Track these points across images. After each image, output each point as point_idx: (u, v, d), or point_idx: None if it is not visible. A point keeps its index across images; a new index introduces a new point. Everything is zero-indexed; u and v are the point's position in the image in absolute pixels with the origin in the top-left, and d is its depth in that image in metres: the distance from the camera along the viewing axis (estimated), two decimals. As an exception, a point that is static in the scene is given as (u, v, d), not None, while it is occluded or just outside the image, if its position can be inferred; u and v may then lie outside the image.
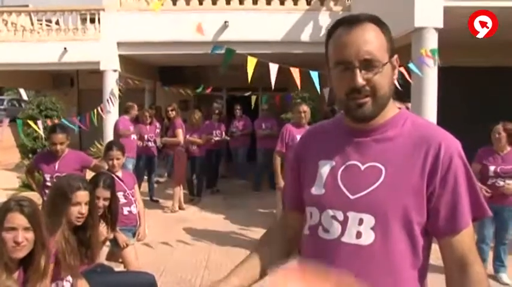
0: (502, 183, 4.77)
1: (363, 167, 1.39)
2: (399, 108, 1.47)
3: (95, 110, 7.52)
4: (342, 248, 1.36)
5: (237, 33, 9.76)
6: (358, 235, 1.34)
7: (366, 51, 1.32)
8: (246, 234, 6.69)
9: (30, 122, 6.79)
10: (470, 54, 8.85)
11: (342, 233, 1.36)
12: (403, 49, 7.23)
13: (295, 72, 5.25)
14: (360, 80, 1.32)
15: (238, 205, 8.49)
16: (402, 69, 5.75)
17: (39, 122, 7.00)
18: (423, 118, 1.52)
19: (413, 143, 1.37)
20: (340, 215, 1.37)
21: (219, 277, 4.79)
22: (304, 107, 5.86)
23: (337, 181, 1.41)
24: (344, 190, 1.39)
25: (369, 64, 1.32)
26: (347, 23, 1.37)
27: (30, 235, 2.30)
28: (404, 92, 6.85)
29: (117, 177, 4.31)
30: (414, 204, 1.32)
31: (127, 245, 4.14)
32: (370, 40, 1.34)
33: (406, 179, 1.33)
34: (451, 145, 1.36)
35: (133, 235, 4.37)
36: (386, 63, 1.36)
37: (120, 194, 4.18)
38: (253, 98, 9.59)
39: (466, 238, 1.34)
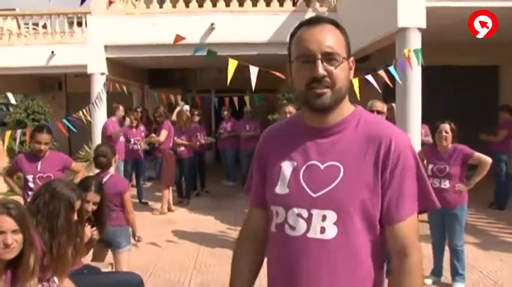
0: (437, 184, 4.59)
1: (322, 167, 1.48)
2: (355, 106, 1.57)
3: (80, 112, 7.53)
4: (308, 243, 1.45)
5: (224, 35, 9.80)
6: (322, 230, 1.44)
7: (327, 46, 1.44)
8: (234, 235, 6.72)
9: (7, 133, 6.85)
10: (452, 54, 8.98)
11: (307, 230, 1.45)
12: (387, 49, 7.34)
13: (276, 74, 5.30)
14: (321, 70, 1.42)
15: (226, 206, 8.52)
16: (382, 73, 5.82)
17: (18, 133, 7.07)
18: (375, 116, 1.66)
19: (367, 141, 1.47)
20: (304, 213, 1.46)
21: (208, 277, 4.85)
22: (290, 108, 5.89)
23: (299, 181, 1.50)
24: (307, 189, 1.48)
25: (329, 57, 1.43)
26: (309, 23, 1.49)
27: (19, 237, 2.32)
28: (389, 93, 6.96)
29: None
30: (371, 198, 1.43)
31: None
32: (331, 37, 1.46)
33: (362, 175, 1.44)
34: (401, 140, 1.48)
35: None
36: (345, 59, 1.47)
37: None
38: (246, 98, 9.63)
39: (407, 227, 1.45)
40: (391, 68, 5.81)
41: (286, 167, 1.53)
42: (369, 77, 5.74)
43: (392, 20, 6.61)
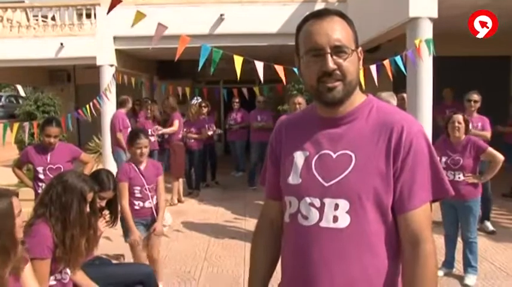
0: (451, 176, 4.53)
1: (334, 156, 1.48)
2: (366, 95, 1.57)
3: (87, 106, 7.54)
4: (320, 232, 1.45)
5: (233, 26, 9.76)
6: (335, 219, 1.43)
7: (336, 39, 1.43)
8: (244, 226, 6.74)
9: (15, 125, 6.89)
10: (464, 44, 8.87)
11: (320, 219, 1.45)
12: (398, 39, 7.28)
13: (280, 69, 5.26)
14: (331, 64, 1.42)
15: (236, 197, 8.54)
16: (387, 64, 5.76)
17: (26, 125, 7.11)
18: (387, 104, 1.62)
19: (379, 129, 1.47)
20: (317, 202, 1.46)
21: (219, 268, 4.84)
22: (300, 99, 5.88)
23: (311, 170, 1.50)
24: (319, 178, 1.48)
25: (339, 50, 1.43)
26: (317, 16, 1.48)
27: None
28: (399, 83, 6.90)
29: (139, 170, 4.22)
30: (383, 186, 1.42)
31: (136, 243, 4.15)
32: (339, 29, 1.45)
33: (374, 163, 1.43)
34: (413, 127, 1.46)
35: (147, 227, 4.25)
36: (354, 51, 1.47)
37: (137, 189, 4.16)
38: (256, 89, 9.58)
39: (420, 215, 1.43)
40: (398, 59, 5.75)
41: (299, 157, 1.53)
42: (373, 68, 5.69)
43: (403, 9, 6.54)
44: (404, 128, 1.44)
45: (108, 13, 3.82)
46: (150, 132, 8.68)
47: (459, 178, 4.57)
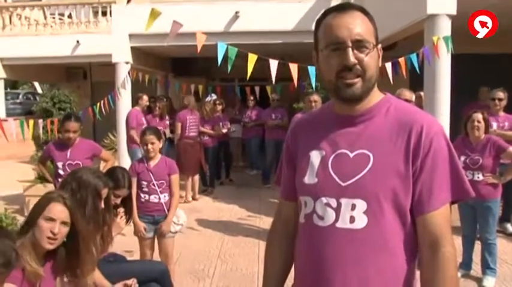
0: (470, 176, 4.44)
1: (351, 155, 1.45)
2: (384, 93, 1.53)
3: (98, 104, 7.57)
4: (337, 233, 1.41)
5: (248, 23, 9.72)
6: (352, 219, 1.40)
7: (357, 33, 1.40)
8: (258, 224, 6.72)
9: (30, 121, 6.97)
10: (483, 42, 8.74)
11: (336, 219, 1.42)
12: (415, 37, 7.17)
13: (294, 67, 5.20)
14: (352, 58, 1.38)
15: (251, 195, 8.52)
16: (402, 62, 5.69)
17: (40, 121, 7.17)
18: (405, 103, 1.59)
19: (398, 128, 1.43)
20: (333, 202, 1.43)
21: (232, 266, 4.81)
22: (315, 97, 5.84)
23: (328, 170, 1.46)
24: (335, 177, 1.44)
25: (360, 45, 1.40)
26: (338, 10, 1.45)
27: (65, 230, 2.31)
28: (416, 81, 6.81)
29: (148, 166, 4.23)
30: (401, 186, 1.38)
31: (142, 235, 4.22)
32: (360, 24, 1.42)
33: (393, 163, 1.40)
34: (433, 127, 1.42)
35: (153, 223, 4.27)
36: (375, 46, 1.44)
37: (144, 184, 4.20)
38: (269, 88, 9.53)
39: (439, 217, 1.39)
40: (413, 57, 5.67)
41: (315, 157, 1.50)
42: (388, 66, 5.61)
43: (421, 6, 6.43)
44: (424, 128, 1.40)
45: (127, 4, 3.80)
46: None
47: (478, 177, 4.49)
